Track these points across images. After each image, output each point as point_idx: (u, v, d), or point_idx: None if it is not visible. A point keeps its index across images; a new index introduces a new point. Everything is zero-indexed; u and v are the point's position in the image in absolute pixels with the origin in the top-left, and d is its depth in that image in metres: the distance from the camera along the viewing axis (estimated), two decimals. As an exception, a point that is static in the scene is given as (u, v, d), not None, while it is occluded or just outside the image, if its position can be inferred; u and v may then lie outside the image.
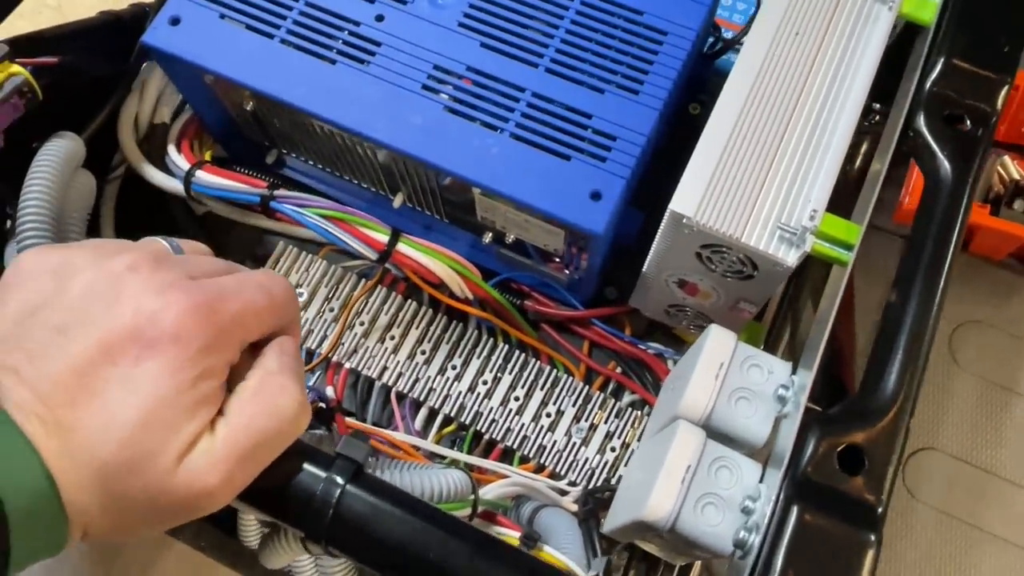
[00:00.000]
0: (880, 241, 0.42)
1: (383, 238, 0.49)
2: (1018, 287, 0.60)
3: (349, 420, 0.50)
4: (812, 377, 0.35)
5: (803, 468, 0.33)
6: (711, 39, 0.57)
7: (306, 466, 0.33)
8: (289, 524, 0.34)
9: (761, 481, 0.36)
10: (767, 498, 0.34)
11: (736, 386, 0.38)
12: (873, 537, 0.32)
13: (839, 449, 0.33)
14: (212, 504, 0.29)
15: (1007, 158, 0.60)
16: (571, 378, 0.53)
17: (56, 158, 0.43)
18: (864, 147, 0.58)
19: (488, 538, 0.34)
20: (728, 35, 0.60)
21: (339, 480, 0.33)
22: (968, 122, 0.40)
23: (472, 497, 0.42)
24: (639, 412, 0.52)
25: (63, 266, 0.29)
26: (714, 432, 0.37)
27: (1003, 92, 0.40)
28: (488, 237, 0.53)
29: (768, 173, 0.40)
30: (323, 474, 0.33)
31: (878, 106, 0.56)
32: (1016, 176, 0.60)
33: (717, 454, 0.36)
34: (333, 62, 0.47)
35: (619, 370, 0.54)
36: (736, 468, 0.36)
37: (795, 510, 0.32)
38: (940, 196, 0.38)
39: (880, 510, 0.32)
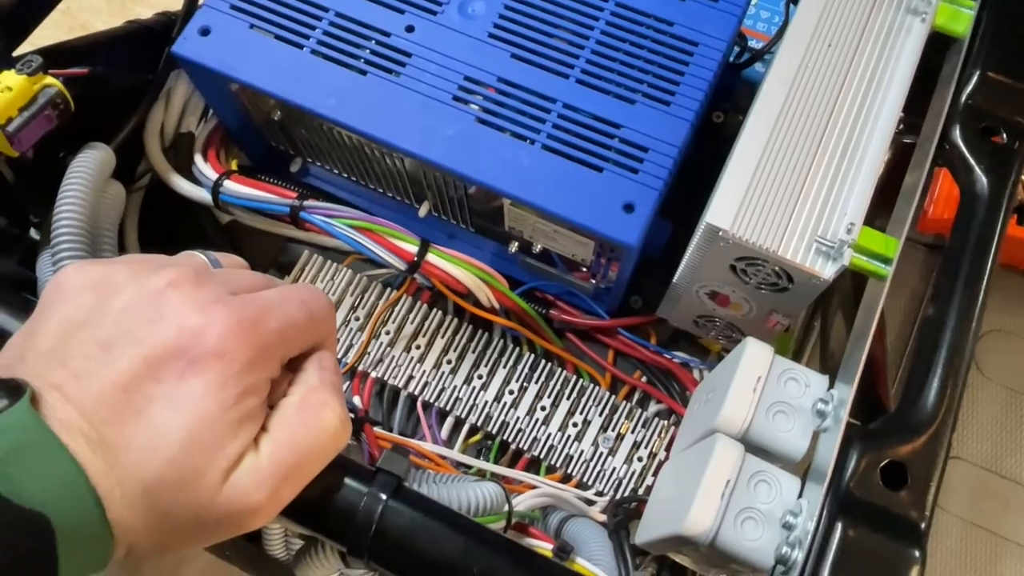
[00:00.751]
0: (903, 250, 0.42)
1: (412, 248, 0.49)
2: (1042, 296, 0.60)
3: (377, 430, 0.50)
4: (852, 392, 0.35)
5: (846, 484, 0.33)
6: (736, 48, 0.57)
7: (347, 480, 0.33)
8: (331, 539, 0.34)
9: (800, 496, 0.36)
10: (809, 513, 0.34)
11: (774, 400, 0.38)
12: (918, 553, 0.32)
13: (882, 465, 0.33)
14: (257, 521, 0.29)
15: (1031, 167, 0.60)
16: (597, 387, 0.53)
17: (90, 170, 0.43)
18: (886, 156, 0.58)
19: (528, 552, 0.34)
20: (752, 43, 0.60)
21: (381, 495, 0.33)
22: (1004, 135, 0.40)
23: (506, 509, 0.42)
24: (665, 422, 0.52)
25: (104, 282, 0.29)
26: (752, 446, 0.37)
27: (1039, 105, 0.40)
28: (514, 246, 0.53)
29: (804, 185, 0.40)
30: (365, 489, 0.33)
31: (902, 115, 0.56)
32: (1040, 185, 0.60)
33: (756, 468, 0.36)
34: (364, 72, 0.47)
35: (645, 379, 0.54)
36: (775, 482, 0.36)
37: (839, 526, 0.32)
38: (977, 210, 0.38)
39: (924, 525, 0.32)
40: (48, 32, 0.52)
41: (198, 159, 0.53)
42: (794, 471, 0.37)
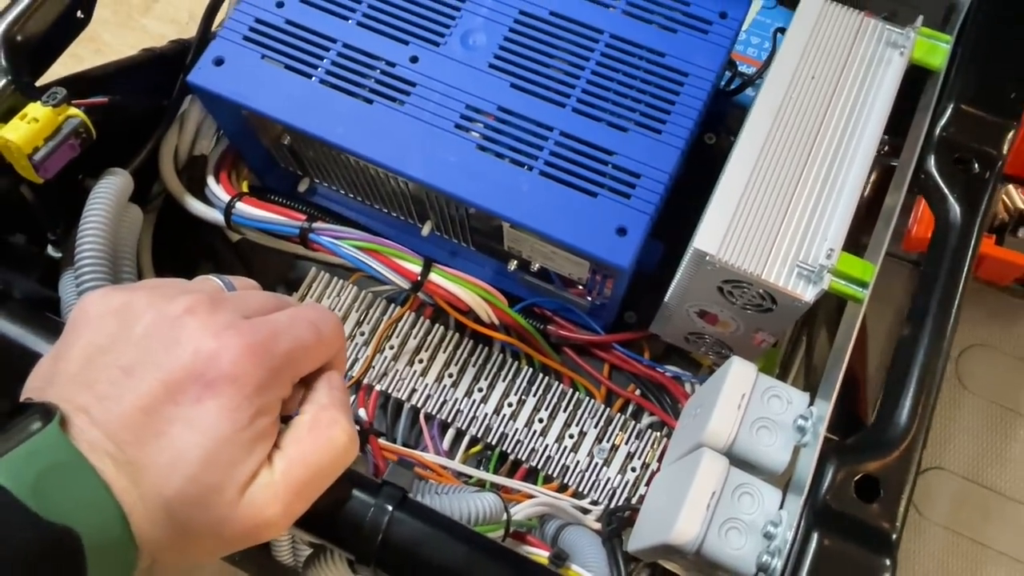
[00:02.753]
0: (889, 267, 0.44)
1: (416, 268, 0.51)
2: (1023, 311, 0.62)
3: (382, 442, 0.53)
4: (830, 409, 0.38)
5: (822, 496, 0.35)
6: (728, 73, 0.60)
7: (356, 493, 0.36)
8: (340, 547, 0.36)
9: (781, 507, 0.38)
10: (788, 524, 0.36)
11: (757, 416, 0.40)
12: (888, 562, 0.34)
13: (856, 478, 0.35)
14: (272, 533, 0.31)
15: (1012, 188, 0.62)
16: (592, 400, 0.56)
17: (111, 196, 0.45)
18: (872, 176, 0.60)
19: (524, 560, 0.36)
20: (743, 68, 0.63)
21: (387, 507, 0.35)
22: (976, 165, 0.42)
23: (504, 518, 0.44)
24: (658, 433, 0.54)
25: (125, 309, 0.31)
26: (736, 460, 0.40)
27: (1009, 136, 0.42)
28: (513, 265, 0.55)
29: (787, 212, 0.43)
30: (372, 500, 0.35)
31: (886, 136, 0.58)
32: (1021, 206, 0.63)
33: (740, 481, 0.39)
34: (370, 101, 0.49)
35: (638, 392, 0.57)
36: (758, 494, 0.38)
37: (815, 536, 0.34)
38: (950, 236, 0.40)
39: (895, 536, 0.34)
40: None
41: (211, 181, 0.55)
42: (776, 484, 0.40)
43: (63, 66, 0.55)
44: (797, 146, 0.44)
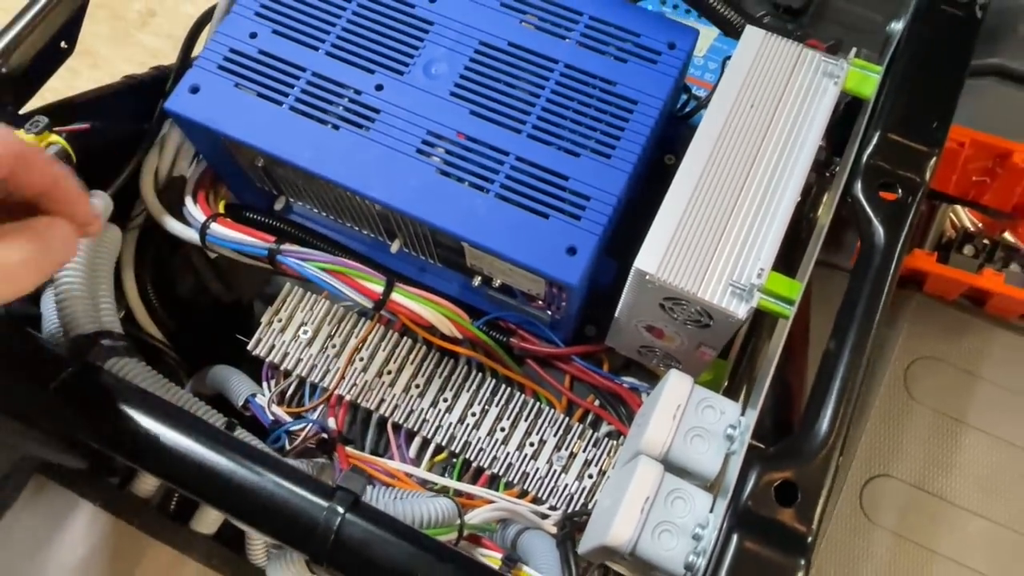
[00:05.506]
0: (840, 281, 0.47)
1: (378, 288, 0.54)
2: (969, 325, 0.65)
3: (349, 449, 0.55)
4: (755, 418, 0.40)
5: (744, 500, 0.38)
6: (684, 97, 0.63)
7: (311, 496, 0.38)
8: (295, 548, 0.38)
9: (712, 511, 0.40)
10: (714, 526, 0.39)
11: (692, 425, 0.43)
12: (803, 561, 0.36)
13: (776, 484, 0.38)
14: None
15: (959, 208, 0.65)
16: (553, 410, 0.58)
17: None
18: (826, 197, 0.63)
19: (470, 561, 0.39)
20: (699, 92, 0.66)
21: (339, 509, 0.38)
22: (900, 191, 0.45)
23: (458, 522, 0.47)
24: (615, 442, 0.57)
25: None
26: (672, 466, 0.42)
27: (931, 163, 0.45)
28: (477, 280, 0.58)
29: (723, 233, 0.45)
30: (326, 504, 0.38)
31: (838, 159, 0.61)
32: (968, 224, 0.66)
33: (673, 486, 0.41)
34: (336, 127, 0.52)
35: (597, 403, 0.59)
36: (690, 499, 0.41)
37: (735, 537, 0.37)
38: (873, 258, 0.43)
39: (810, 539, 0.37)
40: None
41: (188, 202, 0.58)
42: (710, 489, 0.42)
43: (60, 79, 0.58)
44: (735, 170, 0.47)
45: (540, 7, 0.54)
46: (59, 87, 0.59)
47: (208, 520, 0.52)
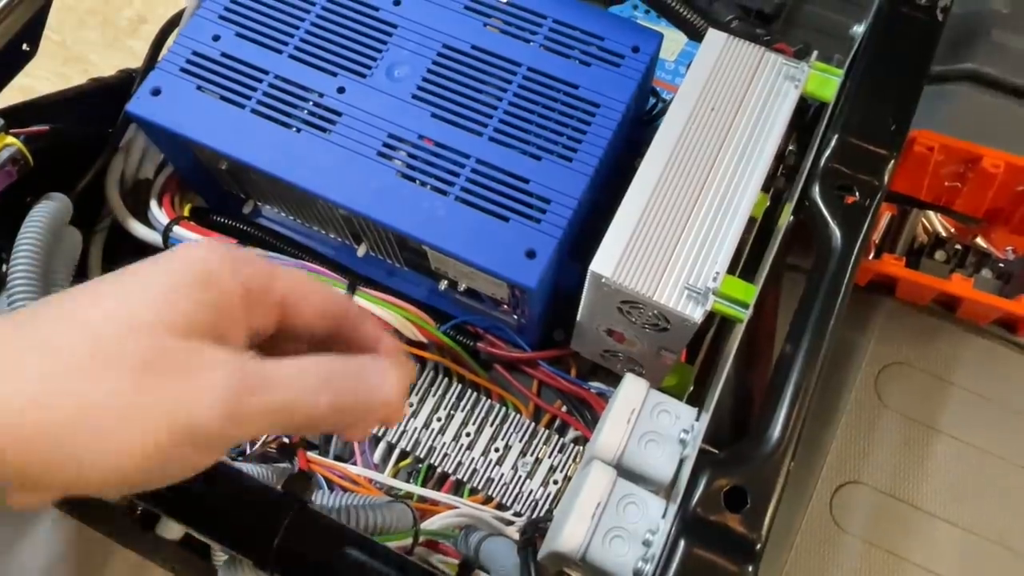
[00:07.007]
0: (798, 280, 0.46)
1: (340, 291, 0.54)
2: (941, 331, 0.64)
3: (311, 455, 0.55)
4: (707, 422, 0.40)
5: (693, 505, 0.37)
6: (653, 100, 0.62)
7: (256, 501, 0.38)
8: (240, 552, 0.38)
9: (664, 517, 0.40)
10: (664, 532, 0.38)
11: (646, 430, 0.42)
12: (751, 568, 0.36)
13: (725, 489, 0.37)
14: None
15: (931, 213, 0.65)
16: (519, 415, 0.58)
17: (44, 219, 0.48)
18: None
19: (415, 566, 0.39)
20: (669, 96, 0.65)
21: (284, 514, 0.37)
22: (858, 194, 0.44)
23: (413, 528, 0.46)
24: (581, 448, 0.57)
25: None
26: (625, 471, 0.42)
27: (890, 167, 0.45)
28: (443, 284, 0.58)
29: (680, 237, 0.45)
30: (271, 508, 0.38)
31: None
32: (939, 229, 0.65)
33: (626, 492, 0.41)
34: (298, 130, 0.52)
35: (564, 408, 0.59)
36: (643, 504, 0.41)
37: (683, 543, 0.36)
38: (830, 262, 0.43)
39: (759, 546, 0.36)
40: (44, 61, 0.56)
41: (153, 205, 0.58)
42: (665, 495, 0.42)
43: (51, 85, 0.58)
44: (694, 174, 0.47)
45: (504, 10, 0.54)
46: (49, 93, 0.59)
47: (174, 526, 0.52)
